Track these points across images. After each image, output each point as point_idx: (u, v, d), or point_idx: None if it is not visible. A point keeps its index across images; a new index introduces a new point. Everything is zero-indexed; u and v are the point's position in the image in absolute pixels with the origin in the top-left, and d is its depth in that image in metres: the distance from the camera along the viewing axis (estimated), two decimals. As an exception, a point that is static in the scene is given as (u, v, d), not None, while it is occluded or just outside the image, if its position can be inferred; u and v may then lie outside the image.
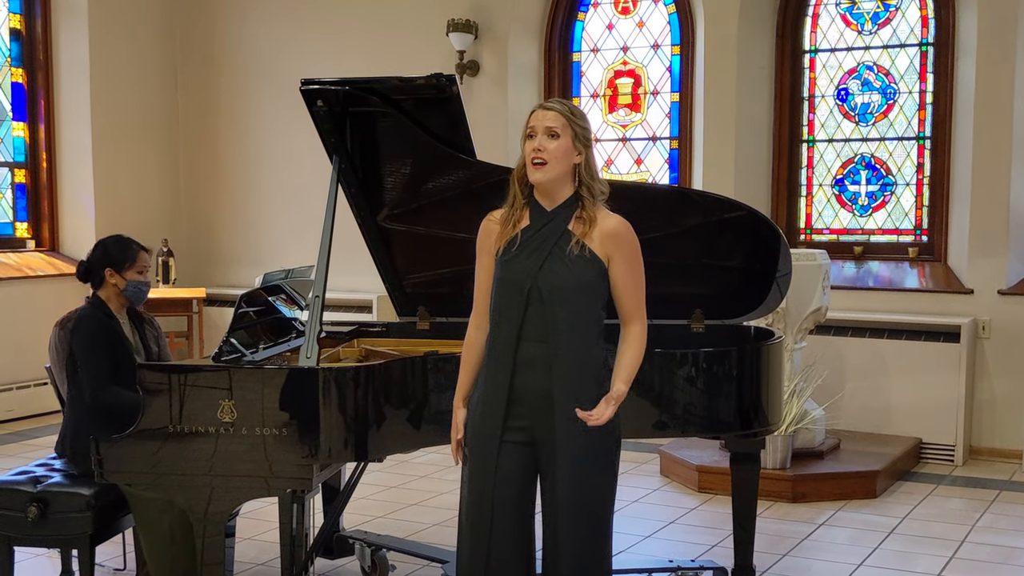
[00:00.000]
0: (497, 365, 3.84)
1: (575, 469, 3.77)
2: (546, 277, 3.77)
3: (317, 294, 4.77)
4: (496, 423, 3.82)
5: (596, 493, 3.82)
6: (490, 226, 3.95)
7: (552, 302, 3.76)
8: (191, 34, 11.29)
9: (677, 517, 6.92)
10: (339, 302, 9.91)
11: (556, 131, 3.80)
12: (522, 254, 3.81)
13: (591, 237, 3.80)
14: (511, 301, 3.81)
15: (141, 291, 5.24)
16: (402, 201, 5.42)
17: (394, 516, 6.85)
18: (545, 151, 3.79)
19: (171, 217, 11.28)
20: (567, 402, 3.75)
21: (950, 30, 8.70)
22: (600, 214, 3.85)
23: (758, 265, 5.38)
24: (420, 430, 4.66)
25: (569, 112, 3.85)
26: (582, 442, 3.76)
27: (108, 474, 4.54)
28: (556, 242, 3.80)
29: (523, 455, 3.83)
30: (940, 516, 6.95)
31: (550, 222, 3.84)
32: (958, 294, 8.51)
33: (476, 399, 3.91)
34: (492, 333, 3.89)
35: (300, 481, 4.45)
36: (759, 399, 5.11)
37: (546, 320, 3.77)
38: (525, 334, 3.79)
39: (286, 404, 4.41)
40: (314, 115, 5.04)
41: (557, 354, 3.77)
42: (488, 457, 3.83)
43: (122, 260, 5.19)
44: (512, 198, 3.90)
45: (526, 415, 3.81)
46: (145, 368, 4.56)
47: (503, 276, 3.84)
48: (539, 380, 3.78)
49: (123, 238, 5.31)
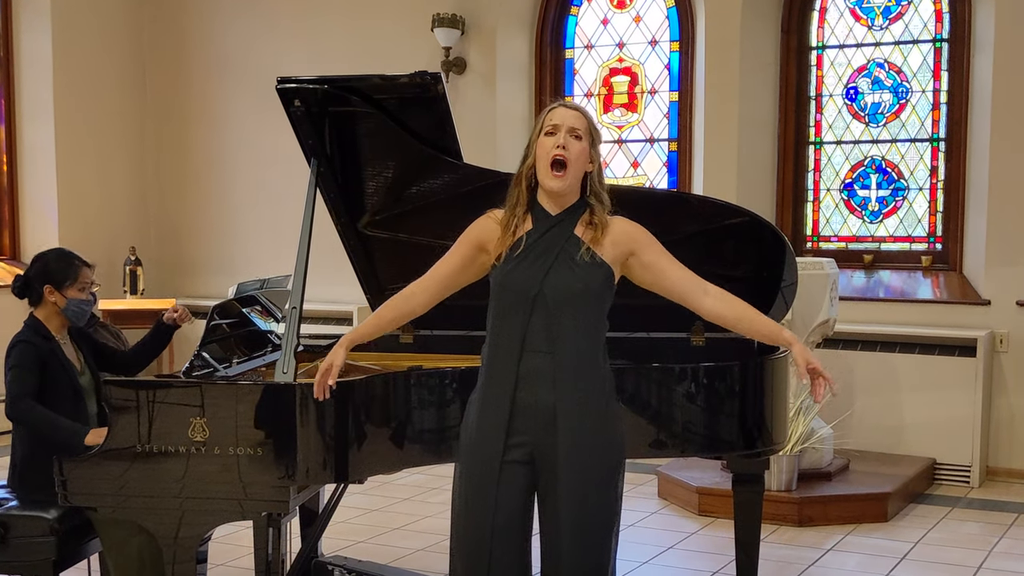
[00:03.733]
0: (497, 378, 3.84)
1: (578, 487, 3.78)
2: (553, 283, 3.77)
3: (294, 305, 4.78)
4: (497, 443, 3.81)
5: (600, 513, 3.82)
6: (489, 225, 3.95)
7: (559, 309, 3.77)
8: (160, 29, 11.30)
9: (676, 542, 6.94)
10: (318, 313, 9.91)
11: (580, 133, 3.83)
12: (526, 260, 3.82)
13: (601, 244, 3.82)
14: (514, 310, 3.81)
15: (83, 310, 5.19)
16: (385, 206, 5.43)
17: (376, 541, 6.86)
18: (568, 151, 3.79)
19: (139, 223, 11.27)
20: (571, 417, 3.76)
21: (966, 24, 8.74)
22: (609, 220, 3.88)
23: (762, 275, 5.39)
24: (403, 449, 4.67)
25: (590, 118, 3.91)
26: (585, 458, 3.77)
27: (72, 496, 4.55)
28: (563, 247, 3.82)
29: (524, 475, 3.83)
30: (955, 541, 6.97)
31: (556, 226, 3.85)
32: (974, 305, 8.54)
33: (472, 418, 3.92)
34: (491, 344, 3.89)
35: (276, 504, 4.46)
36: (763, 416, 5.12)
37: (551, 329, 3.78)
38: (528, 345, 3.80)
39: (261, 422, 4.42)
40: (291, 115, 5.04)
41: (562, 365, 3.78)
42: (488, 482, 3.82)
43: (63, 277, 5.13)
44: (515, 200, 3.90)
45: (527, 431, 3.81)
46: (112, 384, 4.57)
47: (505, 283, 3.83)
48: (543, 393, 3.79)
49: (65, 252, 5.27)
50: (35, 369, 4.99)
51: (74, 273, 5.16)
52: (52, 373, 5.04)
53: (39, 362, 5.01)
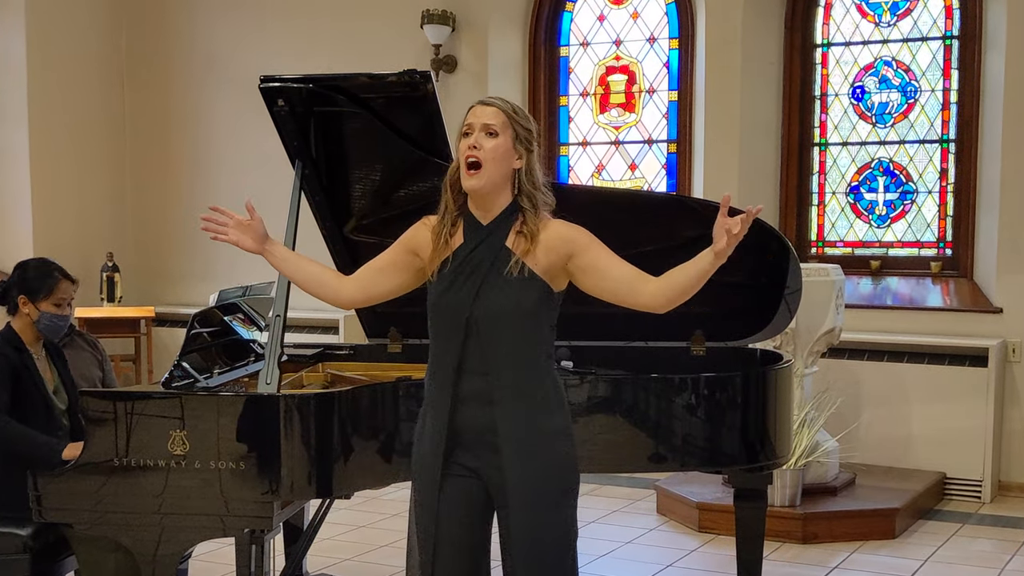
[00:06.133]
0: (437, 401, 3.83)
1: (528, 514, 3.75)
2: (483, 305, 3.73)
3: (278, 313, 4.79)
4: (436, 463, 3.81)
5: (554, 532, 3.79)
6: (423, 232, 3.92)
7: (492, 330, 3.73)
8: (139, 27, 11.30)
9: (675, 560, 6.94)
10: (302, 322, 9.91)
11: (495, 129, 3.75)
12: (456, 281, 3.77)
13: (534, 255, 3.76)
14: (448, 333, 3.78)
15: (56, 326, 5.20)
16: (372, 210, 5.44)
17: (363, 558, 6.86)
18: (481, 150, 3.73)
19: (117, 228, 11.28)
20: (513, 440, 3.74)
21: (977, 21, 8.75)
22: (542, 225, 3.80)
23: (765, 281, 5.41)
24: (391, 463, 4.68)
25: (511, 109, 3.82)
26: (533, 484, 3.75)
27: (47, 512, 4.55)
28: (492, 264, 3.76)
29: (470, 490, 3.82)
30: (966, 559, 6.98)
31: (485, 240, 3.80)
32: (986, 313, 8.55)
33: (420, 433, 3.91)
34: (431, 364, 3.88)
35: (259, 520, 4.47)
36: (766, 429, 5.13)
37: (486, 351, 3.74)
38: (466, 367, 3.77)
39: (244, 435, 4.42)
40: (274, 116, 5.05)
41: (500, 386, 3.75)
42: (431, 493, 3.82)
43: (38, 288, 5.14)
44: (444, 208, 3.87)
45: (471, 451, 3.80)
46: (88, 395, 4.57)
47: (436, 306, 3.81)
48: (481, 415, 3.77)
49: (46, 263, 5.27)
50: (6, 383, 4.99)
51: (50, 286, 5.15)
52: (24, 386, 5.04)
53: (11, 375, 5.01)
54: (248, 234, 4.05)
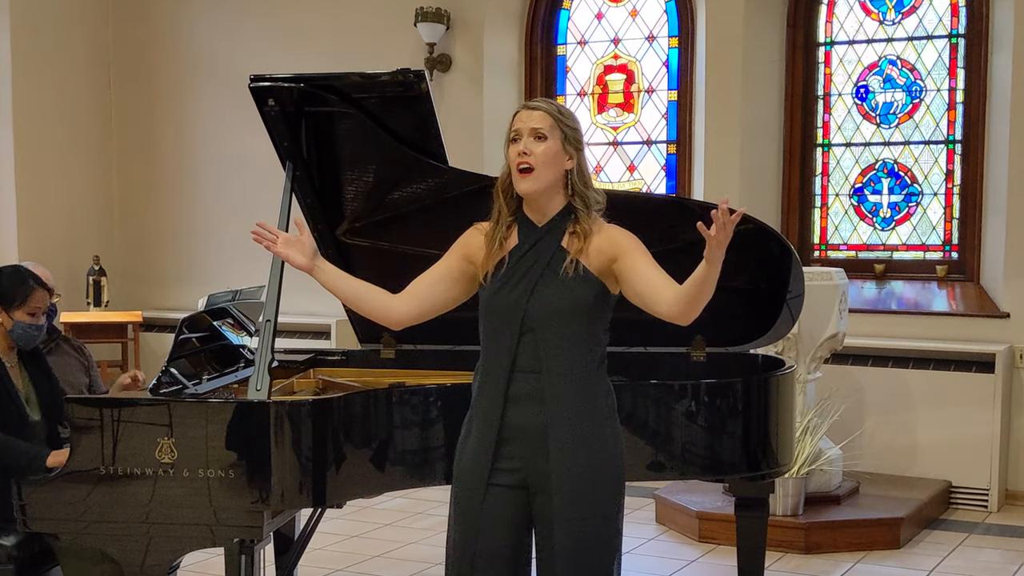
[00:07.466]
0: (487, 401, 3.88)
1: (573, 515, 3.79)
2: (538, 303, 3.81)
3: (268, 318, 4.78)
4: (484, 465, 3.85)
5: (598, 541, 3.84)
6: (477, 238, 3.99)
7: (546, 329, 3.80)
8: (126, 24, 11.30)
9: (675, 570, 6.94)
10: (293, 327, 9.92)
11: (543, 132, 3.83)
12: (511, 280, 3.85)
13: (587, 253, 3.84)
14: (502, 332, 3.85)
15: (29, 335, 5.18)
16: (365, 213, 5.44)
17: (356, 569, 6.86)
18: (532, 155, 3.81)
19: (103, 231, 11.27)
20: (563, 440, 3.78)
21: (984, 20, 8.76)
22: (596, 227, 3.89)
23: (766, 285, 5.41)
24: (384, 472, 4.68)
25: (557, 111, 3.89)
26: (580, 487, 3.79)
27: (32, 522, 4.54)
28: (548, 263, 3.84)
29: (512, 502, 3.86)
30: (972, 569, 6.99)
31: (540, 240, 3.88)
32: (993, 318, 8.55)
33: (462, 439, 3.95)
34: (482, 365, 3.93)
35: (249, 530, 4.46)
36: (767, 437, 5.13)
37: (539, 349, 3.81)
38: (519, 365, 3.84)
39: (233, 442, 4.42)
40: (264, 116, 5.05)
41: (551, 385, 3.80)
42: (473, 505, 3.86)
43: (11, 297, 5.12)
44: (497, 213, 3.94)
45: (518, 455, 3.85)
46: (74, 402, 4.57)
47: (492, 306, 3.88)
48: (532, 415, 3.82)
49: (21, 271, 5.26)
50: None
51: (23, 295, 5.13)
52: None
53: None
54: (297, 249, 4.07)
